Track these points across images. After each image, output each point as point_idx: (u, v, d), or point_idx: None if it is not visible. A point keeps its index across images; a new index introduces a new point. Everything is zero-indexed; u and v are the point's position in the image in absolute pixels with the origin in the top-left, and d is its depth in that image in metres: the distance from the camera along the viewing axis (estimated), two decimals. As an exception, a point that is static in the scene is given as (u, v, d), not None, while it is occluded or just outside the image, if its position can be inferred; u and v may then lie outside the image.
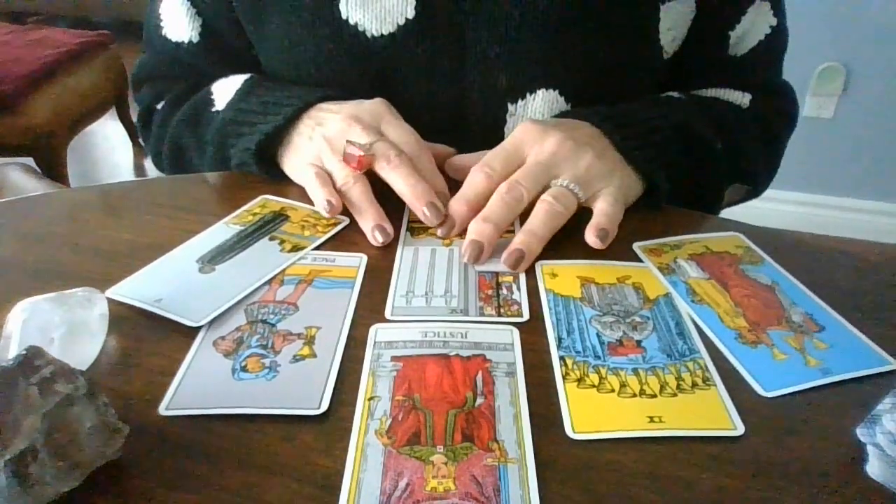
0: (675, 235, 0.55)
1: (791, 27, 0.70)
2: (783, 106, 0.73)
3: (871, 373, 0.42)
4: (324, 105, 0.60)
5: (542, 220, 0.51)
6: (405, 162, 0.54)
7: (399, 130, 0.57)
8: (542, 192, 0.53)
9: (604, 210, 0.53)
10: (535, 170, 0.53)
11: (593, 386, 0.41)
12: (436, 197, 0.54)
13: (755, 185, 0.71)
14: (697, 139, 0.61)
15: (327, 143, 0.56)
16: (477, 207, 0.53)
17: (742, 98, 0.68)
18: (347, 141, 0.55)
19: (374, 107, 0.59)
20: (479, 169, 0.54)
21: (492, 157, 0.55)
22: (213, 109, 0.65)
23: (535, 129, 0.55)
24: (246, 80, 0.65)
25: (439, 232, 0.54)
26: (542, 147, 0.54)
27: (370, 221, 0.53)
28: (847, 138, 1.93)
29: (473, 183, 0.54)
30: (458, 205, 0.54)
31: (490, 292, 0.49)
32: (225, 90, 0.65)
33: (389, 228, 0.53)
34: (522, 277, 0.50)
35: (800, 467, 0.36)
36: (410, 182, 0.53)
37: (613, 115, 0.59)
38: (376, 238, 0.52)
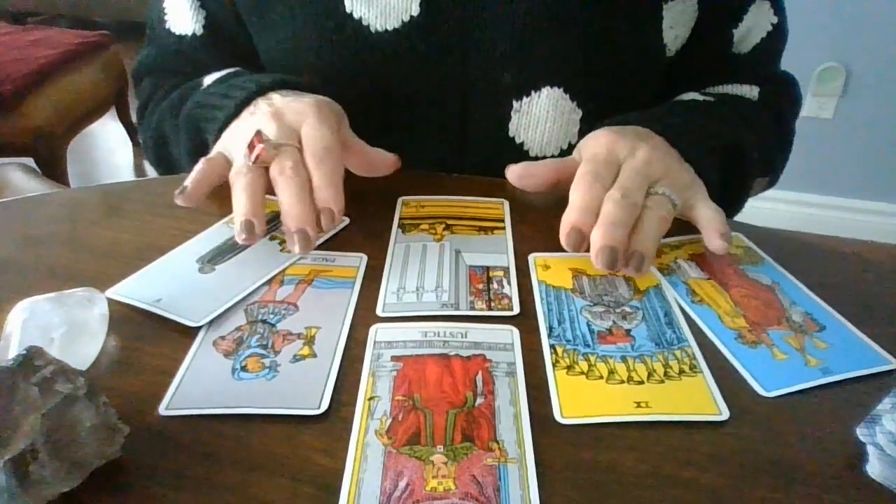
0: (675, 235, 0.55)
1: (791, 27, 0.70)
2: (787, 91, 0.74)
3: (871, 373, 0.42)
4: (274, 94, 0.56)
5: (654, 226, 0.50)
6: (297, 179, 0.49)
7: (313, 133, 0.52)
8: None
9: (710, 215, 0.52)
10: (637, 178, 0.52)
11: (582, 373, 0.41)
12: (312, 226, 0.48)
13: (775, 175, 0.74)
14: (743, 158, 0.62)
15: (244, 134, 0.53)
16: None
17: (751, 91, 0.70)
18: (257, 131, 0.51)
19: (305, 107, 0.54)
20: (594, 179, 0.51)
21: (599, 166, 0.52)
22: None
23: (621, 138, 0.54)
24: (231, 70, 0.63)
25: (563, 242, 0.50)
26: (634, 156, 0.53)
27: (241, 213, 0.48)
28: (847, 138, 1.94)
29: (594, 193, 0.51)
30: (586, 216, 0.50)
31: (481, 286, 0.49)
32: (211, 77, 0.64)
33: (259, 227, 0.48)
34: (513, 271, 0.50)
35: (799, 467, 0.36)
36: (292, 201, 0.48)
37: (674, 124, 0.58)
38: (240, 231, 0.48)
